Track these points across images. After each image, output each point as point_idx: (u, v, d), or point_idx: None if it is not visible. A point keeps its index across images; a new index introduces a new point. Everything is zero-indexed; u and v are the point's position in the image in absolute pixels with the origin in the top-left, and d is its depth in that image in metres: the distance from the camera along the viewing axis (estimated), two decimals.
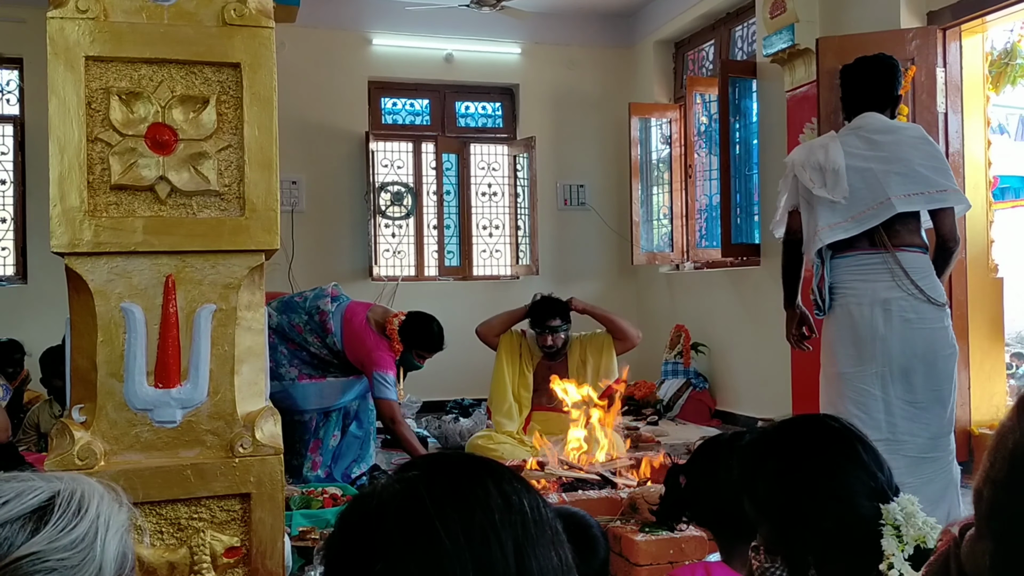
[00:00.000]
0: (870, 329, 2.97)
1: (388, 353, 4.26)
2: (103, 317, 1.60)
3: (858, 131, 3.18)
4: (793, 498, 1.40)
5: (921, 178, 3.00)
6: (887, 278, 2.97)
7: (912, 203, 2.98)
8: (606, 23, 8.04)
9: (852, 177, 3.04)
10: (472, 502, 0.81)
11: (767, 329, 6.12)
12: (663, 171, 7.70)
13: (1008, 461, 0.82)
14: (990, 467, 0.84)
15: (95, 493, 0.92)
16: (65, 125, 1.58)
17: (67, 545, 0.86)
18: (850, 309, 3.02)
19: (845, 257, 3.07)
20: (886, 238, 2.99)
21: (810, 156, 3.15)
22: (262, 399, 1.74)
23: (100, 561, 0.88)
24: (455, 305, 7.68)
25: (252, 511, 1.64)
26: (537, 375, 4.87)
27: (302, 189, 7.26)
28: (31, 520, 0.86)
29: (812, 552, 1.39)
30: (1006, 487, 0.82)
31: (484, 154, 8.04)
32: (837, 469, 1.41)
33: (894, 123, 3.26)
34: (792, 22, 5.36)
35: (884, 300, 2.96)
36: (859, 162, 3.07)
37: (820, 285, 3.12)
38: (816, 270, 3.15)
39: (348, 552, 0.82)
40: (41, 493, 0.88)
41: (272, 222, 1.68)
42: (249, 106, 1.66)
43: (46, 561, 0.84)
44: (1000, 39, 5.28)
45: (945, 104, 4.86)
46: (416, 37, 7.56)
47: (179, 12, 1.64)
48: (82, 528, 0.88)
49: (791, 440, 1.48)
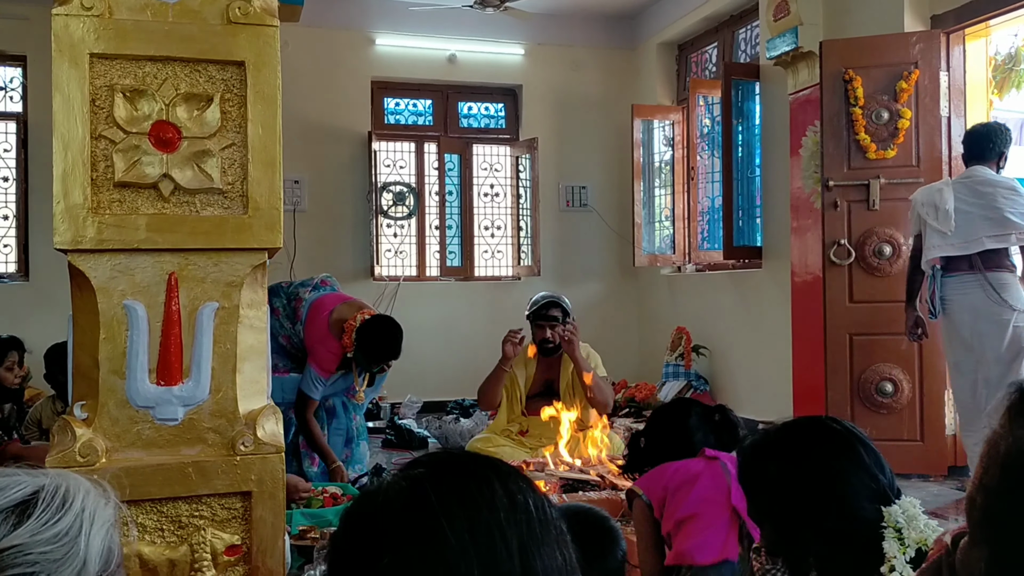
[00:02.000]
0: (969, 330, 4.03)
1: (329, 352, 4.17)
2: (106, 314, 1.60)
3: (967, 181, 4.10)
4: (795, 499, 1.40)
5: (1009, 223, 3.95)
6: (980, 293, 3.99)
7: (998, 242, 3.97)
8: (609, 24, 8.04)
9: (957, 217, 4.03)
10: (478, 501, 0.81)
11: (768, 332, 6.12)
12: (665, 173, 7.70)
13: (1000, 467, 0.82)
14: (983, 474, 0.84)
15: (80, 488, 0.91)
16: (69, 122, 1.58)
17: (50, 539, 0.86)
18: (953, 316, 4.08)
19: (951, 277, 4.08)
20: (980, 263, 4.00)
21: (929, 196, 4.16)
22: (264, 397, 1.74)
23: (84, 556, 0.87)
24: (456, 306, 7.70)
25: (253, 509, 1.64)
26: (535, 380, 4.81)
27: (304, 188, 7.26)
28: (13, 514, 0.86)
29: (814, 554, 1.39)
30: (999, 493, 0.82)
31: (486, 155, 8.04)
32: (839, 471, 1.40)
33: (995, 177, 4.10)
34: (796, 25, 5.36)
35: (977, 309, 3.99)
36: (964, 206, 4.03)
37: (932, 297, 4.14)
38: (929, 284, 4.17)
39: (353, 548, 0.82)
40: (25, 488, 0.88)
41: (275, 220, 1.68)
42: (253, 104, 1.66)
43: (28, 554, 0.84)
44: (1004, 43, 5.28)
45: (948, 108, 4.86)
46: (419, 37, 7.56)
47: (184, 10, 1.64)
48: (65, 522, 0.87)
49: (793, 441, 1.48)
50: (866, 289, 4.87)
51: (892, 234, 4.82)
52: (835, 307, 4.93)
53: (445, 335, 7.54)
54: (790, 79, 5.61)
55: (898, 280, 4.64)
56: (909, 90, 4.80)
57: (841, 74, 4.89)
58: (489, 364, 4.73)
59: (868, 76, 4.85)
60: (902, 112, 4.80)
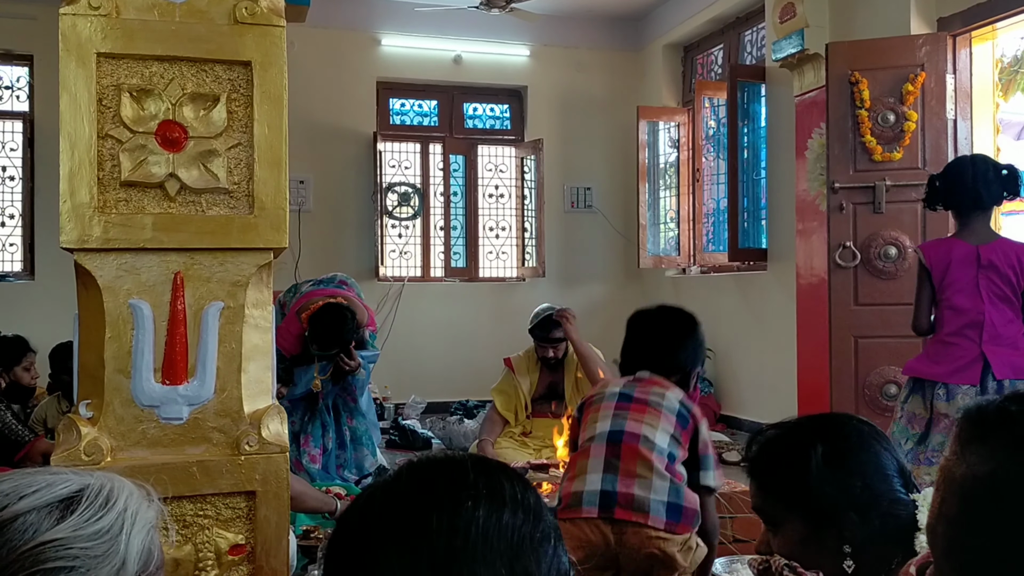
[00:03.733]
0: None
1: (288, 331, 4.19)
2: (111, 313, 1.61)
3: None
4: (844, 485, 1.38)
5: None
6: None
7: None
8: (615, 26, 8.04)
9: None
10: (461, 498, 0.80)
11: (773, 334, 6.11)
12: (671, 175, 7.70)
13: (958, 495, 0.82)
14: (941, 503, 0.84)
15: (124, 489, 0.93)
16: (76, 121, 1.58)
17: (91, 535, 0.87)
18: None
19: None
20: None
21: None
22: (268, 397, 1.74)
23: (124, 555, 0.89)
24: (460, 307, 7.70)
25: (257, 509, 1.64)
26: (539, 384, 4.81)
27: (309, 189, 7.27)
28: (57, 509, 0.88)
29: (850, 542, 1.37)
30: (960, 522, 0.82)
31: (491, 156, 8.05)
32: (884, 458, 1.41)
33: None
34: (802, 27, 5.36)
35: None
36: None
37: None
38: None
39: (345, 550, 0.82)
40: (71, 485, 0.90)
41: (281, 220, 1.68)
42: (259, 104, 1.67)
43: (69, 548, 0.86)
44: (1011, 46, 5.27)
45: (955, 111, 4.85)
46: (425, 38, 7.57)
47: (191, 10, 1.65)
48: (107, 520, 0.89)
49: (834, 431, 1.45)
50: (871, 292, 4.86)
51: (898, 237, 4.81)
52: (840, 310, 4.92)
53: (449, 336, 7.55)
54: (796, 81, 5.60)
55: (903, 283, 4.63)
56: (915, 92, 4.79)
57: (847, 76, 4.88)
58: (492, 365, 4.73)
59: (874, 78, 4.84)
60: (908, 115, 4.79)
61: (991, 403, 0.85)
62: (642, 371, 2.53)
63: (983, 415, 0.84)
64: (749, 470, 1.52)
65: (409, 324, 7.35)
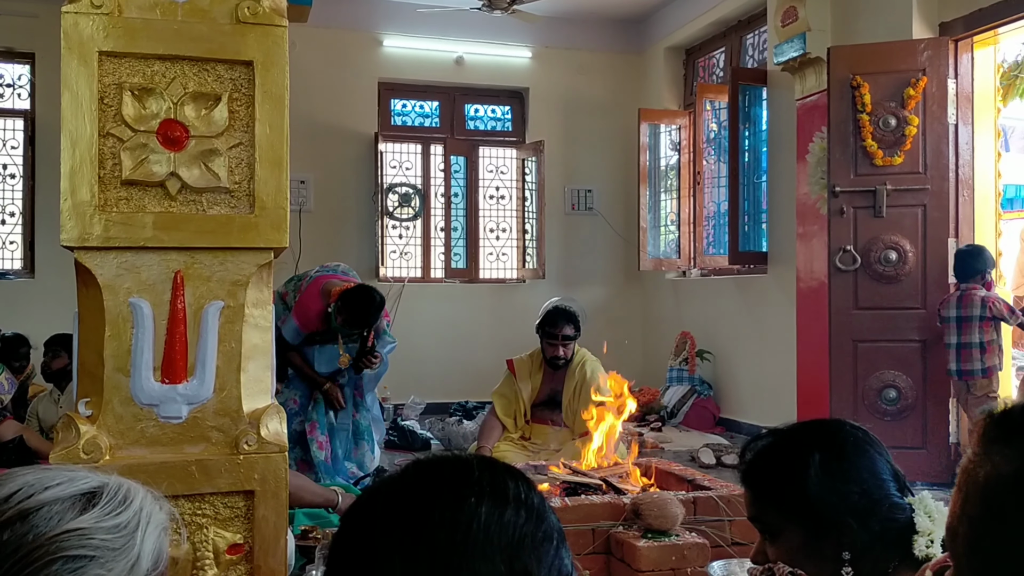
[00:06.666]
0: None
1: (311, 309, 4.30)
2: (111, 312, 1.61)
3: None
4: (843, 492, 1.37)
5: None
6: None
7: None
8: (617, 28, 8.05)
9: None
10: (464, 494, 0.80)
11: (773, 337, 6.11)
12: (671, 177, 7.70)
13: (981, 495, 0.81)
14: (964, 503, 0.83)
15: (139, 490, 0.98)
16: (77, 120, 1.58)
17: (111, 528, 0.91)
18: None
19: None
20: None
21: None
22: (268, 396, 1.74)
23: (139, 551, 0.93)
24: (461, 308, 7.70)
25: (255, 508, 1.64)
26: (541, 390, 4.78)
27: (310, 189, 7.27)
28: (80, 501, 0.92)
29: (850, 549, 1.36)
30: (983, 521, 0.81)
31: (493, 157, 8.05)
32: (879, 463, 1.40)
33: None
34: (804, 31, 5.36)
35: None
36: None
37: None
38: None
39: (348, 540, 0.82)
40: (91, 481, 0.95)
41: (281, 220, 1.68)
42: (261, 104, 1.67)
43: (91, 539, 0.89)
44: (1012, 51, 5.28)
45: (956, 115, 4.85)
46: (427, 39, 7.57)
47: (193, 9, 1.65)
48: (126, 516, 0.93)
49: (830, 439, 1.43)
50: (872, 296, 4.86)
51: (898, 241, 4.81)
52: (840, 313, 4.92)
53: (449, 337, 7.54)
54: (797, 85, 5.60)
55: (903, 287, 4.63)
56: (917, 97, 4.79)
57: (849, 80, 4.88)
58: (492, 366, 4.72)
59: (876, 83, 4.85)
60: (909, 119, 4.79)
61: (1016, 404, 0.85)
62: None
63: (1008, 415, 0.84)
64: (744, 480, 1.49)
65: (409, 325, 7.34)
